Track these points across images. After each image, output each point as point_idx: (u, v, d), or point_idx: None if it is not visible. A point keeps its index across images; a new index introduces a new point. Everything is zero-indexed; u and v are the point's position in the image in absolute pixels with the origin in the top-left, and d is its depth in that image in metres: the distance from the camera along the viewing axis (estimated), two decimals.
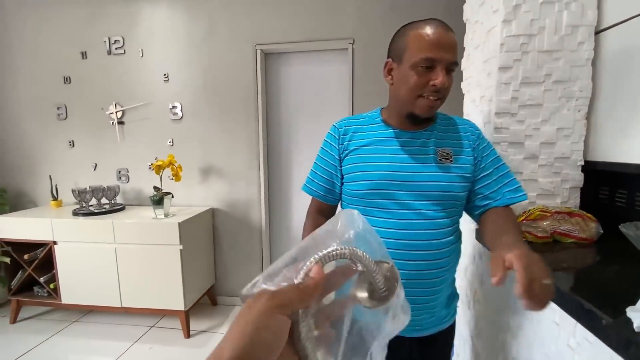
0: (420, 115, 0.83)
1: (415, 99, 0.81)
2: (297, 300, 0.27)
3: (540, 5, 1.01)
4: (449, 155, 0.86)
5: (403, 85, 0.82)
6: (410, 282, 0.84)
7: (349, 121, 0.95)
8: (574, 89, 1.03)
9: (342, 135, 0.92)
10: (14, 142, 2.69)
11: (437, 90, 0.79)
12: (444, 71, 0.78)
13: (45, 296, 2.34)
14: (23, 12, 2.54)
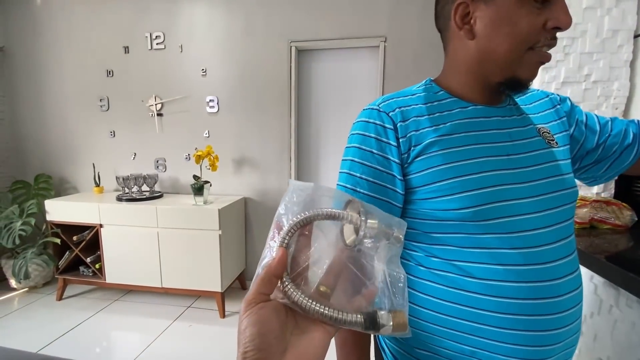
0: (526, 81, 0.54)
1: (524, 54, 0.51)
2: (259, 287, 0.29)
3: (584, 10, 1.10)
4: (552, 136, 0.59)
5: (504, 33, 0.51)
6: (564, 330, 0.52)
7: (399, 101, 0.58)
8: (613, 88, 1.11)
9: (399, 123, 0.56)
10: (58, 131, 2.86)
11: (555, 37, 0.52)
12: (565, 3, 0.50)
13: (90, 275, 2.50)
14: (72, 7, 2.69)
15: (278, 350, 0.28)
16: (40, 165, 2.91)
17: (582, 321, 0.93)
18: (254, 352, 0.27)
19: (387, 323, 0.29)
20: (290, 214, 0.32)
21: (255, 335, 0.27)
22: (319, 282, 0.31)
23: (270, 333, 0.28)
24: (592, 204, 1.06)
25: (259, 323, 0.28)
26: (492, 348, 0.51)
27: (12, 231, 2.37)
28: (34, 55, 2.80)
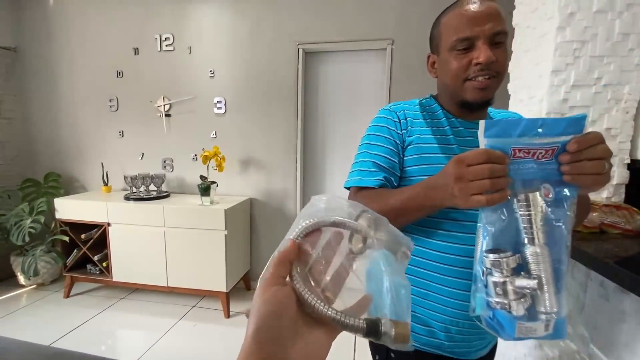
0: (473, 101, 0.71)
1: (463, 84, 0.71)
2: (274, 270, 0.30)
3: (594, 14, 1.09)
4: None
5: (445, 74, 0.74)
6: None
7: (405, 106, 0.81)
8: (624, 92, 1.10)
9: (402, 120, 0.77)
10: (68, 131, 2.90)
11: (484, 68, 0.67)
12: (486, 45, 0.67)
13: (97, 273, 2.53)
14: (84, 10, 2.74)
15: (289, 335, 0.28)
16: (50, 163, 2.95)
17: (593, 327, 0.92)
18: (267, 329, 0.27)
19: (389, 332, 0.30)
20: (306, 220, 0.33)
21: (270, 313, 0.28)
22: (324, 287, 0.32)
23: (285, 315, 0.28)
24: (602, 209, 1.05)
25: (275, 302, 0.28)
26: (439, 309, 0.73)
27: (22, 228, 2.41)
28: (46, 56, 2.85)
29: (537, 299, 0.46)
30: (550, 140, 0.47)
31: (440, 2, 2.28)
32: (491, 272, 0.48)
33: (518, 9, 1.44)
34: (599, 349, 0.90)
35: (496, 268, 0.47)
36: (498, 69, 0.69)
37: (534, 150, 0.48)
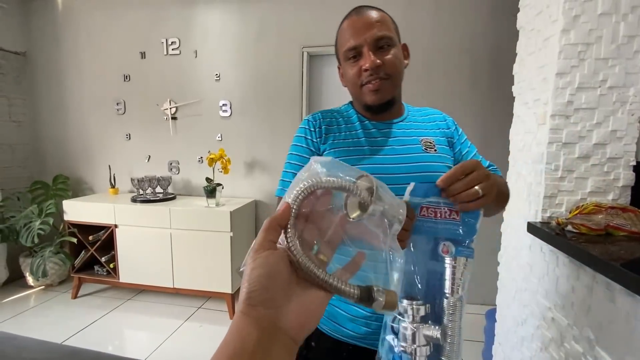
0: (372, 104, 0.77)
1: (360, 90, 0.77)
2: (266, 235, 0.30)
3: (599, 16, 1.09)
4: (432, 145, 0.80)
5: (347, 82, 0.80)
6: None
7: (323, 113, 0.84)
8: (629, 94, 1.10)
9: (317, 128, 0.81)
10: (76, 134, 2.94)
11: (373, 73, 0.72)
12: (370, 51, 0.72)
13: (104, 275, 2.56)
14: (92, 14, 2.79)
15: (283, 295, 0.28)
16: (59, 166, 3.00)
17: (598, 329, 0.92)
18: (260, 291, 0.27)
19: (380, 298, 0.31)
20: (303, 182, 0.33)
21: (263, 276, 0.28)
22: (318, 250, 0.33)
23: (278, 276, 0.28)
24: (608, 211, 1.05)
25: (267, 265, 0.28)
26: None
27: (31, 230, 2.45)
28: (55, 60, 2.90)
29: (441, 349, 0.52)
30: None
31: (443, 6, 2.30)
32: (402, 317, 0.52)
33: (522, 11, 1.45)
34: (604, 350, 0.90)
35: (407, 314, 0.51)
36: (387, 71, 0.73)
37: (439, 210, 0.54)
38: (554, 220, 1.14)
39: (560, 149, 1.17)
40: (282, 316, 0.28)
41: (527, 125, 1.35)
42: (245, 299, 0.27)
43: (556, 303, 1.13)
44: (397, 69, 0.75)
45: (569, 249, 1.00)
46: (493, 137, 2.31)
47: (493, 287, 1.70)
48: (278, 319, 0.27)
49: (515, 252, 1.43)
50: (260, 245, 0.30)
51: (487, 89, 2.29)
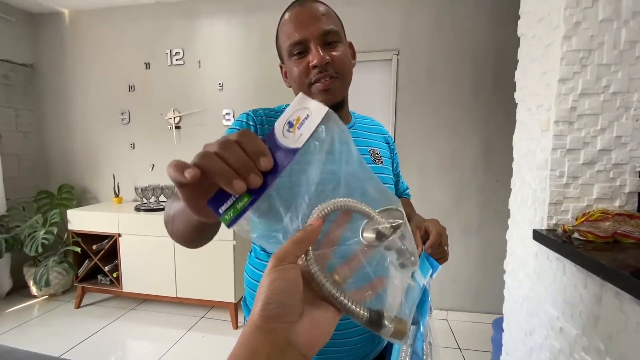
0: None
1: (309, 89, 0.69)
2: (292, 248, 0.30)
3: (600, 23, 1.09)
4: (379, 156, 0.79)
5: (292, 82, 0.72)
6: None
7: (267, 112, 0.74)
8: (633, 100, 1.10)
9: (258, 126, 0.70)
10: (82, 143, 2.97)
11: (322, 70, 0.66)
12: (317, 47, 0.66)
13: (107, 284, 2.55)
14: (98, 27, 2.84)
15: (297, 312, 0.28)
16: (64, 175, 3.02)
17: (608, 339, 0.90)
18: (276, 305, 0.27)
19: (389, 325, 0.30)
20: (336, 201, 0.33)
21: (282, 290, 0.28)
22: (335, 270, 0.33)
23: (295, 293, 0.28)
24: (615, 218, 1.03)
25: (287, 280, 0.28)
26: None
27: (35, 240, 2.46)
28: (61, 71, 2.95)
29: None
30: None
31: (444, 13, 2.32)
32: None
33: (523, 18, 1.45)
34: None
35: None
36: (337, 69, 0.68)
37: None
38: (560, 228, 1.12)
39: (565, 155, 1.16)
40: (294, 332, 0.28)
41: (531, 131, 1.34)
42: (260, 309, 0.27)
43: (564, 312, 1.10)
44: (347, 67, 0.70)
45: (576, 257, 0.98)
46: (496, 143, 2.30)
47: (499, 296, 1.68)
48: (290, 334, 0.27)
49: (522, 260, 1.41)
50: (286, 257, 0.29)
51: (489, 96, 2.29)
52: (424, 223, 0.72)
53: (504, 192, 1.92)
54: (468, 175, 2.37)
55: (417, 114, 2.39)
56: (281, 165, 0.31)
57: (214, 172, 0.28)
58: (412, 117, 2.40)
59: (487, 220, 2.37)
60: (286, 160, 0.31)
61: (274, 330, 0.27)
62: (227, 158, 0.29)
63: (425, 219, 0.76)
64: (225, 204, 0.30)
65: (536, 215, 1.26)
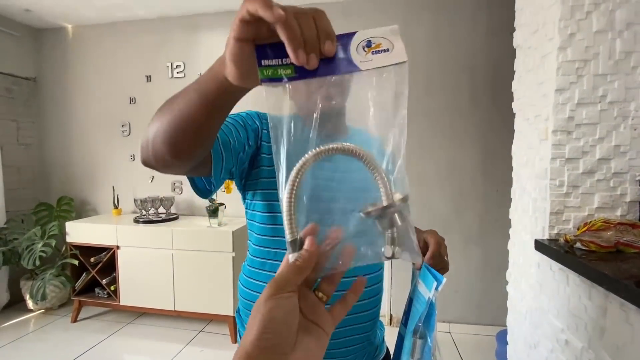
0: None
1: None
2: (293, 275, 0.29)
3: (594, 34, 1.11)
4: None
5: None
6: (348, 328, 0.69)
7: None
8: (630, 109, 1.10)
9: (262, 130, 0.71)
10: (82, 155, 2.98)
11: None
12: None
13: (105, 297, 2.52)
14: (100, 40, 2.88)
15: (292, 342, 0.28)
16: (63, 187, 3.02)
17: (615, 352, 0.88)
18: (273, 335, 0.27)
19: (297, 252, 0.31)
20: None
21: (280, 320, 0.27)
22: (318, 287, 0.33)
23: (291, 324, 0.28)
24: (617, 227, 1.02)
25: (286, 310, 0.28)
26: None
27: (33, 252, 2.44)
28: (64, 84, 2.98)
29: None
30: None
31: (441, 25, 2.35)
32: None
33: (518, 30, 1.47)
34: None
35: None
36: None
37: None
38: (562, 238, 1.11)
39: (564, 164, 1.15)
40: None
41: (529, 140, 1.34)
42: (256, 338, 0.26)
43: (569, 324, 1.08)
44: None
45: (579, 267, 0.97)
46: (495, 153, 2.30)
47: (502, 307, 1.65)
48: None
49: (524, 270, 1.39)
50: (286, 285, 0.29)
51: (487, 105, 2.30)
52: (422, 234, 0.72)
53: (504, 201, 1.91)
54: (468, 185, 2.37)
55: (416, 124, 2.40)
56: (336, 70, 0.31)
57: (289, 31, 0.28)
58: (411, 127, 2.40)
59: (487, 230, 2.35)
60: (343, 69, 0.31)
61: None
62: (301, 26, 0.29)
63: (422, 230, 0.75)
64: (269, 61, 0.31)
65: (537, 225, 1.25)
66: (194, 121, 0.43)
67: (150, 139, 0.48)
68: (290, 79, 0.31)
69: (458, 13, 2.30)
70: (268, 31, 0.30)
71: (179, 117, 0.43)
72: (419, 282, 0.69)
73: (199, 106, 0.42)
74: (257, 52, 0.31)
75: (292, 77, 0.31)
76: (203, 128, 0.44)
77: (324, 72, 0.31)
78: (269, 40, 0.31)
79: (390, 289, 2.48)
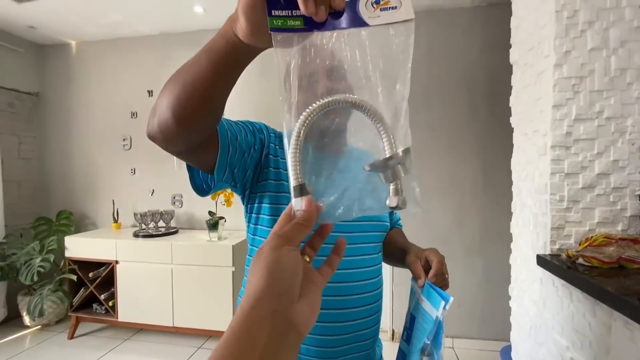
0: None
1: None
2: (297, 233, 0.31)
3: (589, 51, 1.13)
4: None
5: None
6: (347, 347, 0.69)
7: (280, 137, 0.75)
8: (627, 125, 1.11)
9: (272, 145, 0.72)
10: (82, 169, 2.99)
11: None
12: None
13: (102, 313, 2.48)
14: (103, 56, 2.93)
15: (297, 292, 0.29)
16: (63, 201, 3.01)
17: None
18: (280, 284, 0.28)
19: (298, 198, 0.32)
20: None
21: (287, 270, 0.28)
22: (302, 250, 0.34)
23: (297, 274, 0.29)
24: (619, 242, 1.02)
25: (292, 261, 0.29)
26: None
27: (31, 268, 2.42)
28: (66, 99, 3.01)
29: None
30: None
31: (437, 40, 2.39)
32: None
33: (514, 47, 1.50)
34: None
35: None
36: None
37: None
38: (564, 253, 1.11)
39: (564, 179, 1.16)
40: (295, 312, 0.28)
41: (528, 155, 1.35)
42: (266, 285, 0.27)
43: (574, 342, 1.07)
44: None
45: (582, 284, 0.96)
46: (495, 165, 2.31)
47: (506, 321, 1.63)
48: (292, 314, 0.28)
49: (527, 286, 1.38)
50: (291, 239, 0.30)
51: (486, 119, 2.33)
52: (423, 253, 0.72)
53: (504, 213, 1.91)
54: (468, 197, 2.37)
55: (415, 137, 2.39)
56: (344, 24, 0.32)
57: None
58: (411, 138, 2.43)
59: (489, 243, 2.34)
60: (351, 23, 0.32)
61: (275, 312, 0.27)
62: None
63: (423, 248, 0.75)
64: (279, 11, 0.31)
65: (539, 240, 1.25)
66: (201, 82, 0.43)
67: (157, 105, 0.47)
68: (298, 30, 0.32)
69: (454, 28, 2.35)
70: None
71: (186, 79, 0.44)
72: (423, 299, 0.69)
73: (206, 65, 0.42)
74: (268, 2, 0.32)
75: (301, 28, 0.32)
76: (209, 91, 0.44)
77: (332, 26, 0.32)
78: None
79: (392, 304, 2.45)
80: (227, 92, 0.46)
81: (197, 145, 0.53)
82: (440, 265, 0.69)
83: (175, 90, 0.44)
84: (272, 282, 0.27)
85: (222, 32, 0.40)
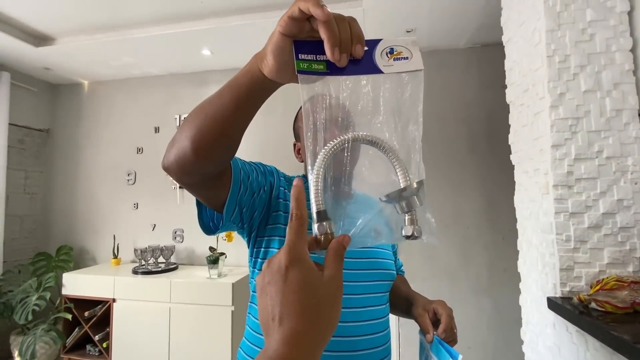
0: None
1: None
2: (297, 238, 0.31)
3: (583, 93, 1.16)
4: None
5: (304, 153, 0.78)
6: None
7: (288, 179, 0.80)
8: (628, 164, 1.11)
9: (281, 188, 0.74)
10: (85, 203, 3.01)
11: None
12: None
13: (96, 355, 2.38)
14: (113, 94, 3.05)
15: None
16: (64, 236, 3.00)
17: None
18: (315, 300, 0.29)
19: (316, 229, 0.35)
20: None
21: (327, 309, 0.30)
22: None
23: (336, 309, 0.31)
24: (631, 286, 0.98)
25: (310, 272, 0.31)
26: None
27: (26, 306, 2.35)
28: (75, 136, 3.10)
29: None
30: None
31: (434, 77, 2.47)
32: None
33: (510, 88, 1.54)
34: None
35: None
36: None
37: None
38: (576, 297, 1.07)
39: (569, 219, 1.14)
40: None
41: (531, 193, 1.34)
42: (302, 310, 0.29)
43: None
44: None
45: (597, 331, 0.91)
46: (498, 200, 2.30)
47: None
48: None
49: (539, 330, 1.31)
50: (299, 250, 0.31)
51: (486, 156, 2.35)
52: (431, 305, 0.70)
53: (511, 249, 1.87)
54: (473, 233, 2.33)
55: None
56: (362, 70, 0.36)
57: (330, 30, 0.32)
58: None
59: (497, 280, 2.27)
60: (368, 70, 0.36)
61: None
62: (339, 28, 0.33)
63: (430, 300, 0.73)
64: (305, 55, 0.35)
65: (548, 282, 1.21)
66: (222, 114, 0.45)
67: (176, 136, 0.50)
68: (322, 73, 0.35)
69: (451, 68, 2.44)
70: (309, 30, 0.35)
71: (207, 112, 0.46)
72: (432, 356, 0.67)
73: (228, 99, 0.45)
74: (296, 46, 0.36)
75: (324, 72, 0.35)
76: (229, 122, 0.46)
77: (351, 72, 0.36)
78: (306, 39, 0.36)
79: (399, 347, 2.33)
80: (245, 125, 0.50)
81: (211, 179, 0.55)
82: (449, 320, 0.67)
83: (197, 122, 0.47)
84: (311, 325, 0.29)
85: (247, 69, 0.44)
